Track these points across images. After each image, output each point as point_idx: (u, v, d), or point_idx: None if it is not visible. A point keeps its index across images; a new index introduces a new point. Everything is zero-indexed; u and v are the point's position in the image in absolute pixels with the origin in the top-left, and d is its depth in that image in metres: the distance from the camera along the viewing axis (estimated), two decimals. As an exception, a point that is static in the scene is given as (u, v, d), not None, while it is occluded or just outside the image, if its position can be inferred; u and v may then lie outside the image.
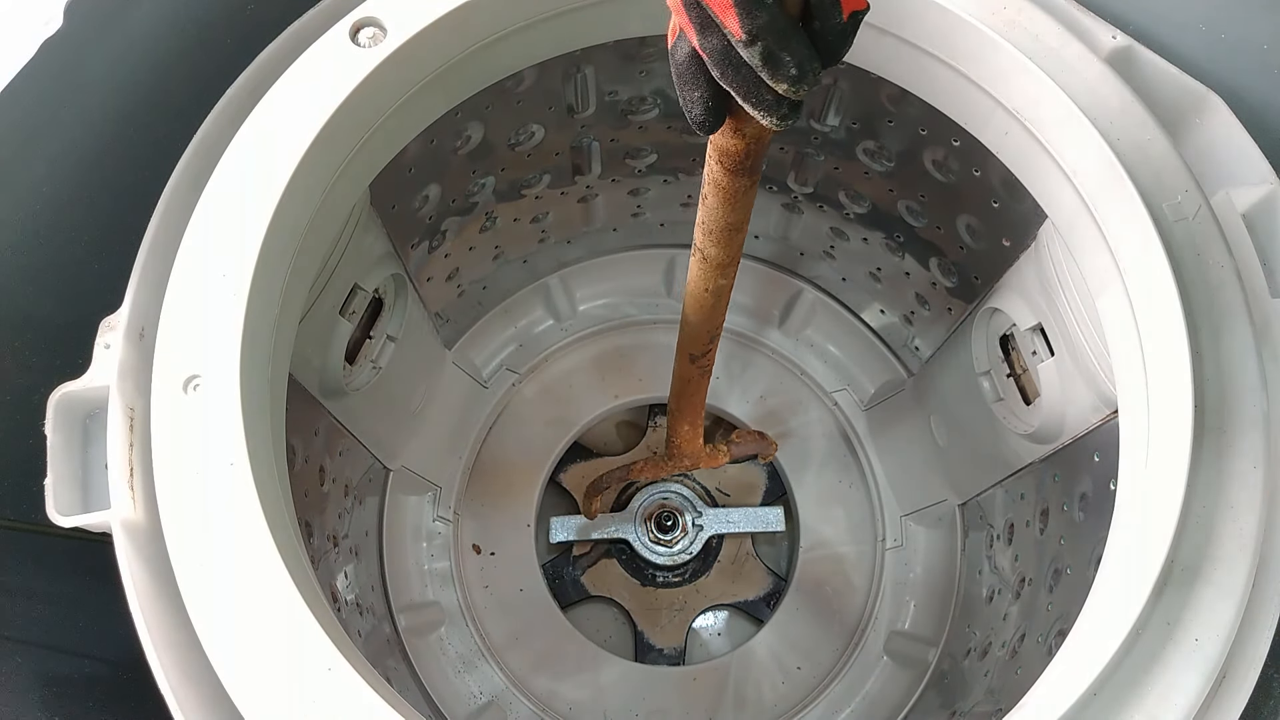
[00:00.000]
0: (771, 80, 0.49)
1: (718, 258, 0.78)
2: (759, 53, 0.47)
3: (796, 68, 0.48)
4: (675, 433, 1.12)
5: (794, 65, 0.48)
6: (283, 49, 0.86)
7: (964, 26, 0.82)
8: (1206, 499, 0.70)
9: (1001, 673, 1.08)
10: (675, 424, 1.11)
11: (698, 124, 0.57)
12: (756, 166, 0.68)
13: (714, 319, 0.88)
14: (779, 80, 0.48)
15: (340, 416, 1.11)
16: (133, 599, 0.67)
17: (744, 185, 0.69)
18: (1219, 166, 0.83)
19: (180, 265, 0.72)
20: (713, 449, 1.19)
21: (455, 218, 1.19)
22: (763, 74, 0.49)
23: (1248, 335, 0.74)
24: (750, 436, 1.23)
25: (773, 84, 0.49)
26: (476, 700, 1.33)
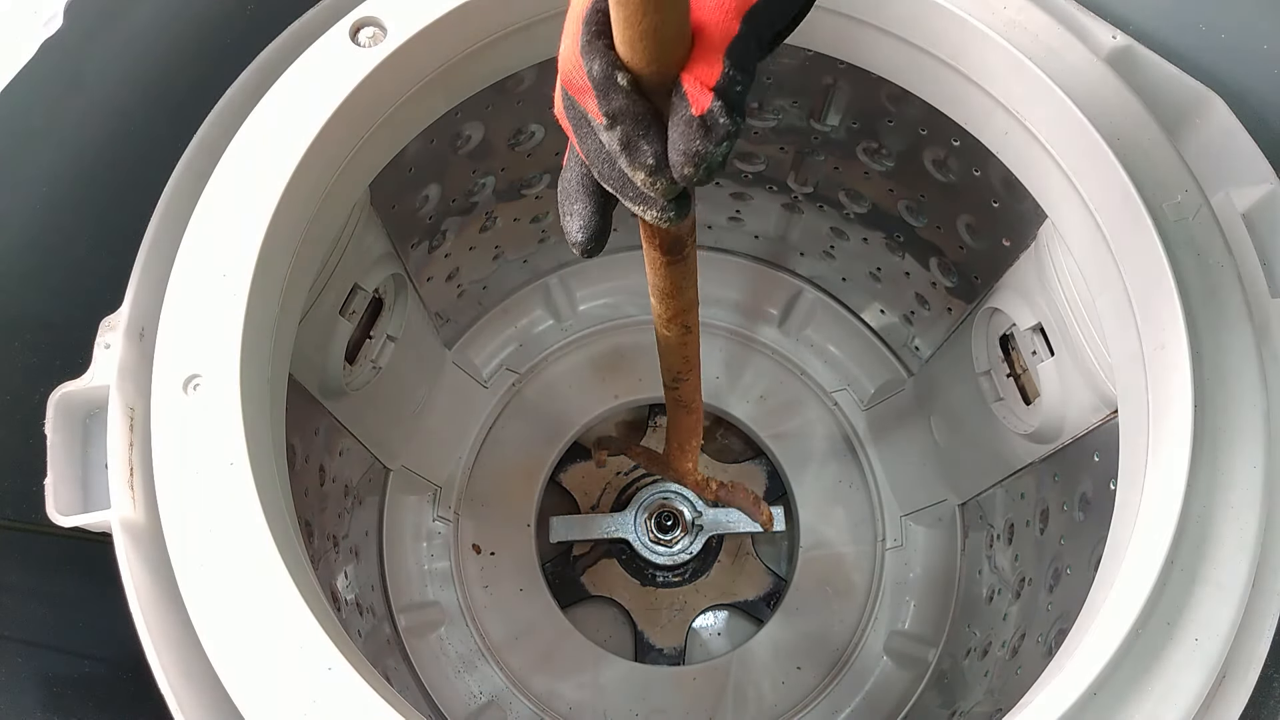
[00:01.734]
0: (630, 169, 0.48)
1: (657, 310, 0.80)
2: (617, 137, 0.47)
3: (654, 158, 0.47)
4: (668, 445, 1.14)
5: (651, 155, 0.47)
6: (283, 49, 0.86)
7: (964, 26, 0.82)
8: (1206, 499, 0.70)
9: (1001, 673, 1.08)
10: (668, 438, 1.13)
11: (574, 244, 0.56)
12: (670, 248, 0.69)
13: (671, 361, 0.90)
14: (636, 169, 0.48)
15: (340, 416, 1.11)
16: (133, 599, 0.66)
17: (661, 259, 0.71)
18: (1219, 166, 0.83)
19: (180, 265, 0.72)
20: (704, 479, 1.20)
21: (455, 218, 1.19)
22: (621, 162, 0.48)
23: (1248, 335, 0.74)
24: (745, 495, 1.24)
25: (631, 173, 0.49)
26: (476, 700, 1.33)
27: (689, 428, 1.07)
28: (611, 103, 0.47)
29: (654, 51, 0.45)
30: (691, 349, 0.88)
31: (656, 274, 0.74)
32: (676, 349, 0.88)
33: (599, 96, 0.47)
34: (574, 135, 0.51)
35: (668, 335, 0.85)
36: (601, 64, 0.46)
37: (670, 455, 1.15)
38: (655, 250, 0.71)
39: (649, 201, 0.51)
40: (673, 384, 0.96)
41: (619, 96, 0.47)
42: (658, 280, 0.75)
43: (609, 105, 0.47)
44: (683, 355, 0.89)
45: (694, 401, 1.00)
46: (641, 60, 0.46)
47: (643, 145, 0.47)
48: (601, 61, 0.46)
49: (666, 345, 0.87)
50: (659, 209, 0.51)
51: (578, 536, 1.47)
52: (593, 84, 0.47)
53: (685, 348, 0.87)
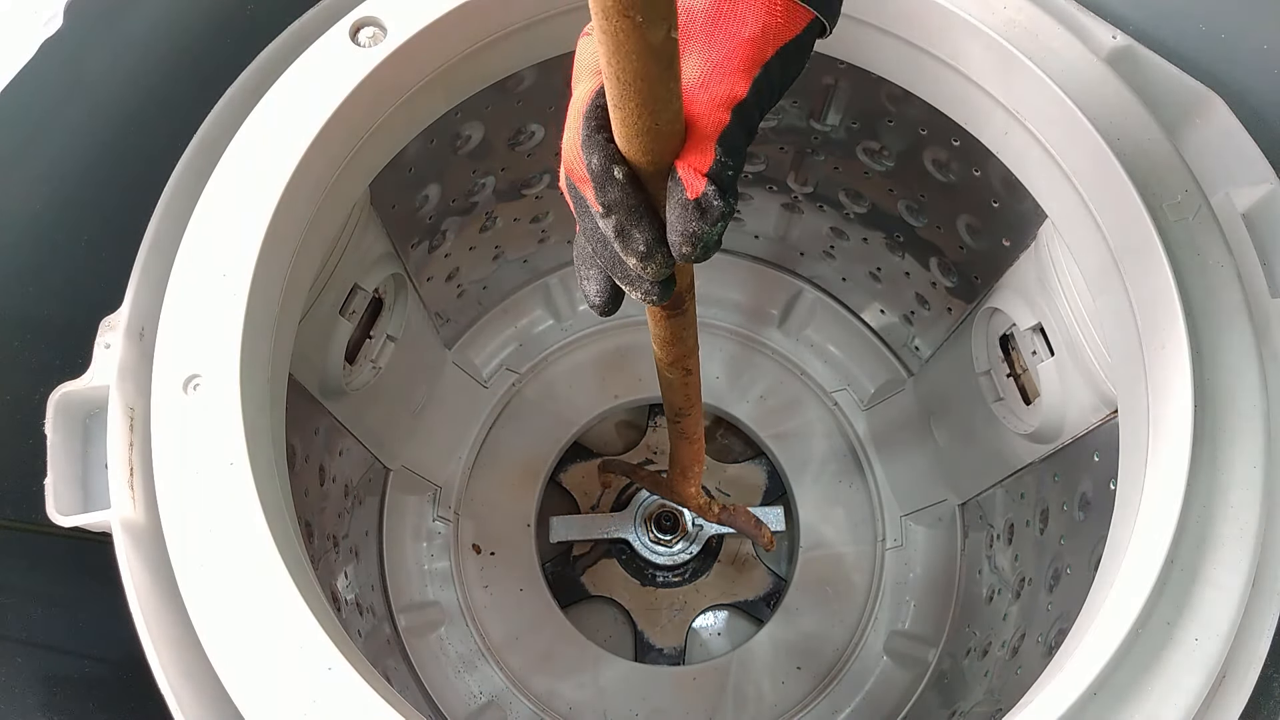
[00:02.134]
0: (623, 254, 0.52)
1: (659, 354, 0.82)
2: (612, 225, 0.51)
3: (644, 245, 0.51)
4: (670, 472, 1.17)
5: (642, 243, 0.51)
6: (283, 49, 0.86)
7: (964, 26, 0.82)
8: (1206, 499, 0.70)
9: (1001, 673, 1.08)
10: (670, 465, 1.15)
11: (592, 306, 0.60)
12: (673, 305, 0.72)
13: (671, 398, 0.93)
14: (628, 254, 0.52)
15: (340, 416, 1.11)
16: (133, 599, 0.66)
17: (661, 314, 0.74)
18: (1219, 166, 0.83)
19: (180, 265, 0.72)
20: (707, 503, 1.22)
21: (455, 218, 1.19)
22: (615, 246, 0.52)
23: (1248, 335, 0.74)
24: (747, 518, 1.25)
25: (624, 257, 0.52)
26: (476, 700, 1.33)
27: (691, 456, 1.09)
28: (608, 194, 0.50)
29: (650, 146, 0.48)
30: (693, 389, 0.91)
31: (657, 325, 0.77)
32: (679, 389, 0.90)
33: (596, 188, 0.50)
34: (576, 214, 0.55)
35: (670, 378, 0.87)
36: (600, 158, 0.49)
37: (674, 481, 1.17)
38: (654, 306, 0.73)
39: (637, 282, 0.55)
40: (675, 419, 0.98)
41: (614, 189, 0.50)
42: (659, 330, 0.78)
43: (605, 197, 0.50)
44: (684, 394, 0.92)
45: (696, 434, 1.03)
46: (638, 154, 0.49)
47: (635, 234, 0.51)
48: (600, 155, 0.49)
49: (669, 385, 0.90)
50: (644, 290, 0.55)
51: (578, 536, 1.47)
52: (591, 177, 0.50)
53: (687, 388, 0.90)
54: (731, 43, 0.49)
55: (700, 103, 0.49)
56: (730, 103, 0.49)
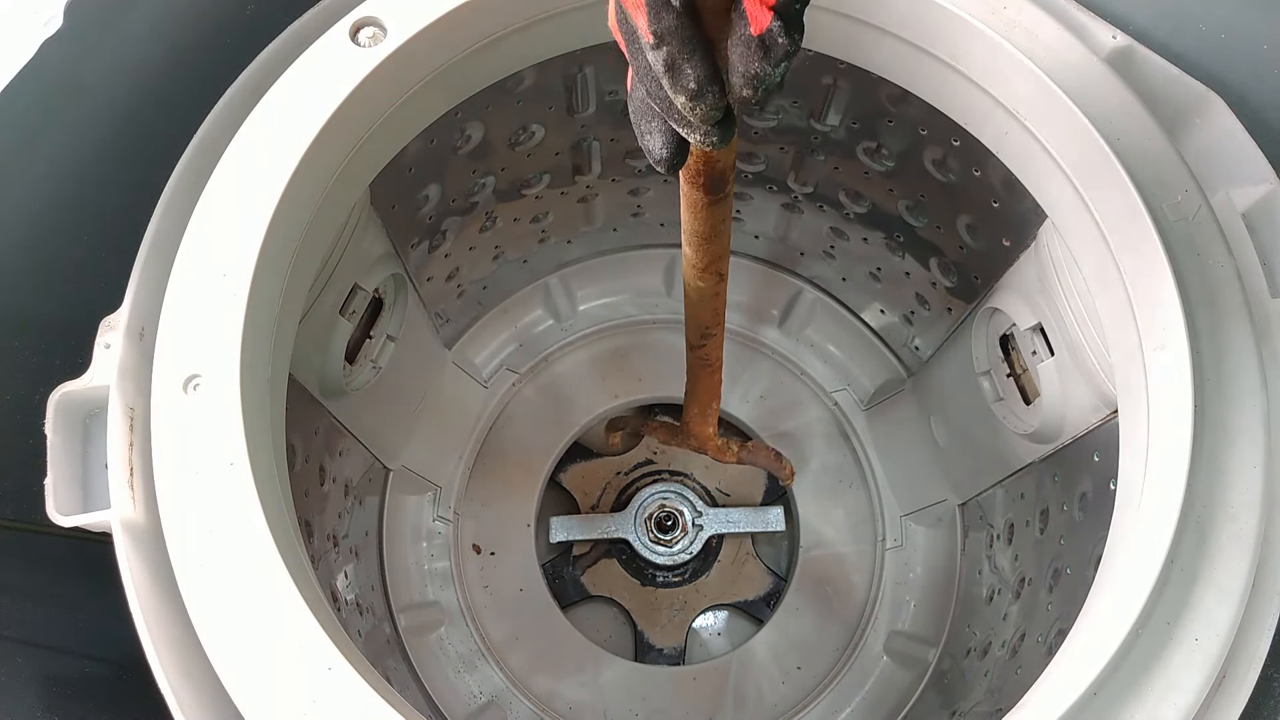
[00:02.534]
0: (671, 91, 0.48)
1: (694, 259, 0.80)
2: (662, 58, 0.47)
3: (695, 81, 0.47)
4: (687, 413, 1.13)
5: (693, 78, 0.47)
6: (283, 49, 0.86)
7: (964, 26, 0.82)
8: (1206, 499, 0.70)
9: (1001, 672, 1.08)
10: (687, 405, 1.12)
11: (657, 161, 0.56)
12: (714, 185, 0.68)
13: (702, 315, 0.89)
14: (677, 92, 0.48)
15: (340, 416, 1.11)
16: (133, 599, 0.66)
17: (704, 200, 0.70)
18: (1219, 166, 0.83)
19: (180, 265, 0.72)
20: (724, 443, 1.20)
21: (455, 218, 1.19)
22: (664, 81, 0.48)
23: (1248, 335, 0.74)
24: (767, 453, 1.23)
25: (672, 95, 0.48)
26: (476, 700, 1.33)
27: (712, 389, 1.06)
28: (661, 21, 0.46)
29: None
30: (722, 299, 0.87)
31: (697, 218, 0.73)
32: (709, 300, 0.86)
33: (650, 13, 0.46)
34: (626, 50, 0.51)
35: (701, 286, 0.83)
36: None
37: (690, 422, 1.13)
38: (698, 191, 0.69)
39: (690, 126, 0.51)
40: (700, 341, 0.94)
41: (669, 16, 0.46)
42: (697, 225, 0.74)
43: (658, 24, 0.46)
44: (714, 307, 0.88)
45: (718, 360, 0.99)
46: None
47: (685, 69, 0.47)
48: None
49: (699, 297, 0.86)
50: (701, 134, 0.51)
51: (578, 536, 1.47)
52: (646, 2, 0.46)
53: (717, 298, 0.86)
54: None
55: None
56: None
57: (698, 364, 1.00)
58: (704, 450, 1.19)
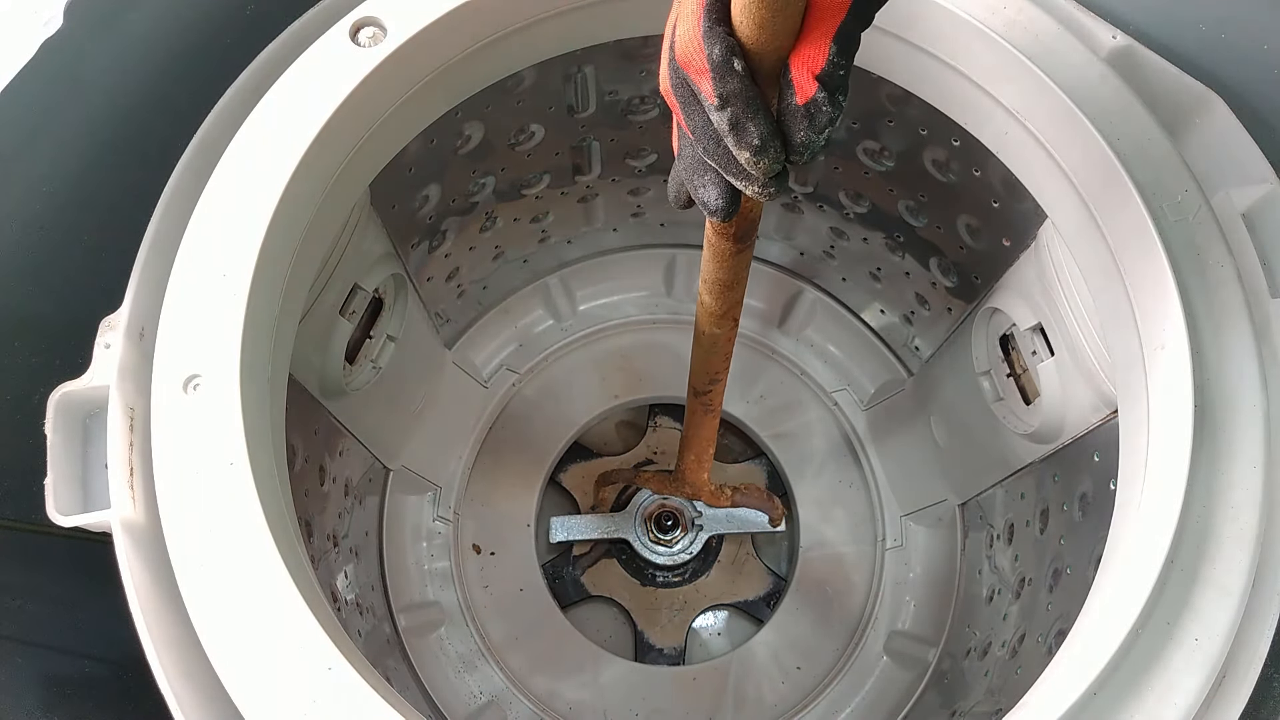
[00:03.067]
0: (735, 148, 0.52)
1: (713, 306, 0.81)
2: (727, 118, 0.51)
3: (759, 139, 0.51)
4: (682, 459, 1.15)
5: (757, 136, 0.51)
6: (283, 49, 0.86)
7: (964, 26, 0.82)
8: (1206, 499, 0.70)
9: (1001, 672, 1.08)
10: (683, 451, 1.13)
11: (714, 211, 0.59)
12: (744, 235, 0.71)
13: (713, 361, 0.91)
14: (742, 148, 0.51)
15: (340, 416, 1.11)
16: (133, 599, 0.66)
17: (732, 249, 0.72)
18: (1219, 166, 0.83)
19: (180, 265, 0.72)
20: (718, 488, 1.22)
21: (455, 218, 1.19)
22: (728, 140, 0.52)
23: (1248, 335, 0.74)
24: (760, 494, 1.26)
25: (736, 152, 0.52)
26: (476, 700, 1.33)
27: (710, 434, 1.07)
28: (726, 85, 0.50)
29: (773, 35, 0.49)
30: (732, 344, 0.89)
31: (722, 266, 0.75)
32: (722, 347, 0.88)
33: (715, 79, 0.50)
34: (681, 113, 0.54)
35: (717, 333, 0.85)
36: (722, 49, 0.50)
37: (686, 470, 1.14)
38: (727, 241, 0.71)
39: (750, 178, 0.54)
40: (707, 387, 0.95)
41: (734, 80, 0.50)
42: (721, 274, 0.76)
43: (724, 88, 0.50)
44: (725, 353, 0.90)
45: (719, 404, 1.00)
46: (758, 43, 0.50)
47: (750, 127, 0.51)
48: (722, 46, 0.50)
49: (712, 344, 0.87)
50: (760, 185, 0.54)
51: (578, 536, 1.47)
52: (711, 67, 0.50)
53: (729, 344, 0.88)
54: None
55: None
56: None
57: (701, 409, 1.01)
58: (698, 496, 1.21)
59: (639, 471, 1.36)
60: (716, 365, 0.92)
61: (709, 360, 0.91)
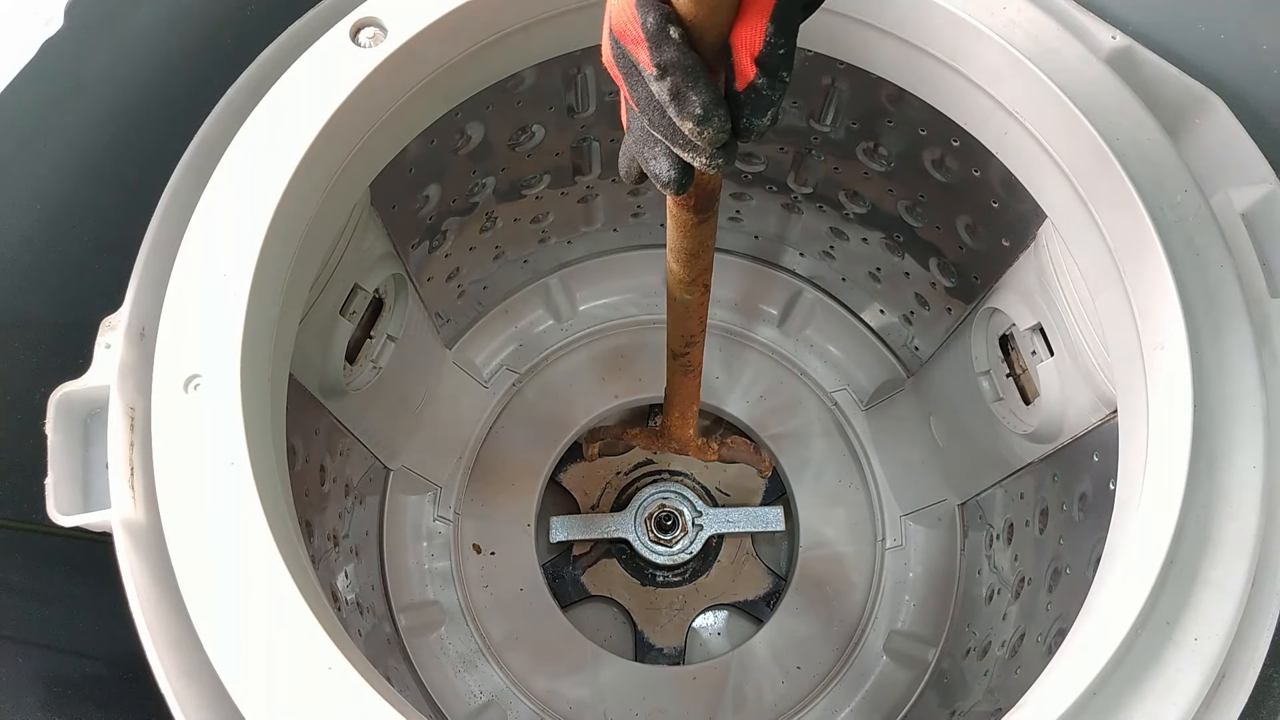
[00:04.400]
0: (678, 118, 0.50)
1: (680, 274, 0.81)
2: (667, 88, 0.49)
3: (702, 108, 0.49)
4: (667, 417, 1.15)
5: (699, 105, 0.49)
6: (283, 49, 0.86)
7: (964, 26, 0.82)
8: (1206, 499, 0.70)
9: (1001, 672, 1.08)
10: (667, 409, 1.14)
11: (665, 183, 0.58)
12: (703, 206, 0.70)
13: (688, 325, 0.91)
14: (685, 119, 0.49)
15: (341, 416, 1.11)
16: (133, 599, 0.66)
17: (693, 219, 0.72)
18: (1219, 166, 0.83)
19: (181, 265, 0.72)
20: (704, 443, 1.22)
21: (455, 218, 1.19)
22: (670, 110, 0.50)
23: (1248, 335, 0.74)
24: (745, 446, 1.26)
25: (679, 122, 0.50)
26: (476, 700, 1.33)
27: (692, 393, 1.08)
28: (663, 54, 0.48)
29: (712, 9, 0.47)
30: (705, 309, 0.89)
31: (685, 236, 0.75)
32: (695, 311, 0.88)
33: (651, 48, 0.48)
34: (624, 84, 0.53)
35: (688, 299, 0.85)
36: (656, 16, 0.48)
37: (671, 426, 1.15)
38: (687, 211, 0.71)
39: (696, 149, 0.52)
40: (684, 349, 0.96)
41: (670, 49, 0.48)
42: (685, 243, 0.76)
43: (660, 57, 0.48)
44: (699, 317, 0.90)
45: (699, 364, 1.01)
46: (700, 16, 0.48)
47: (691, 96, 0.49)
48: (657, 14, 0.48)
49: (684, 309, 0.88)
50: (707, 156, 0.52)
51: (578, 536, 1.47)
52: (646, 35, 0.48)
53: (702, 308, 0.88)
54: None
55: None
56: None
57: (680, 370, 1.02)
58: (685, 451, 1.21)
59: (626, 430, 1.37)
60: (691, 328, 0.92)
61: (683, 323, 0.91)
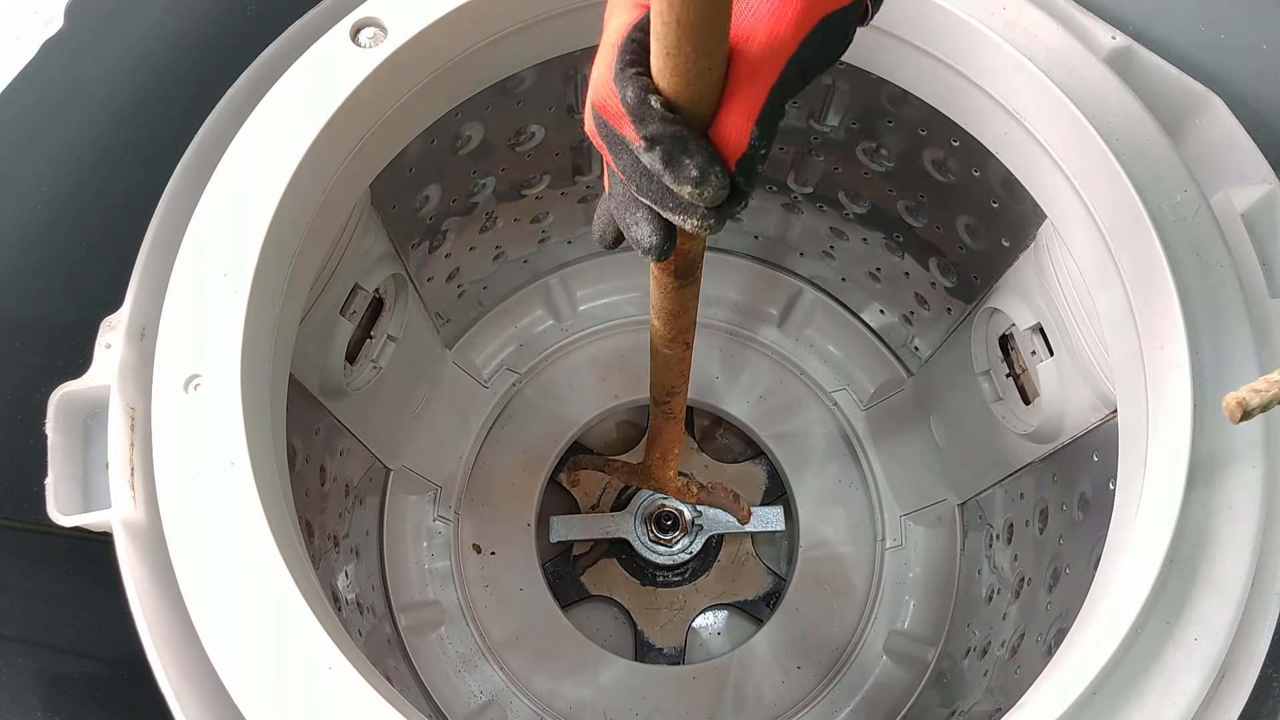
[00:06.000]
0: (675, 185, 0.49)
1: (662, 332, 0.81)
2: (659, 157, 0.48)
3: (698, 169, 0.48)
4: (649, 456, 1.16)
5: (695, 168, 0.48)
6: (283, 49, 0.86)
7: (964, 27, 0.82)
8: (1206, 499, 0.70)
9: (1001, 672, 1.08)
10: (649, 449, 1.15)
11: (647, 249, 0.56)
12: (684, 273, 0.70)
13: (669, 378, 0.92)
14: (682, 184, 0.48)
15: (341, 416, 1.11)
16: (133, 598, 0.67)
17: (673, 284, 0.72)
18: (1218, 166, 0.83)
19: (181, 265, 0.72)
20: (684, 484, 1.22)
21: (455, 218, 1.19)
22: (665, 179, 0.49)
23: (1247, 335, 0.74)
24: (725, 492, 1.26)
25: (677, 188, 0.49)
26: (476, 700, 1.33)
27: (674, 438, 1.09)
28: (648, 127, 0.47)
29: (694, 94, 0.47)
30: (687, 363, 0.90)
31: (666, 298, 0.75)
32: (675, 365, 0.89)
33: (635, 122, 0.48)
34: (609, 154, 0.52)
35: (668, 354, 0.85)
36: (635, 89, 0.47)
37: (653, 466, 1.17)
38: (668, 276, 0.71)
39: (691, 210, 0.51)
40: (665, 399, 0.97)
41: (654, 121, 0.47)
42: (666, 304, 0.76)
43: (646, 130, 0.47)
44: (680, 370, 0.91)
45: (681, 413, 1.02)
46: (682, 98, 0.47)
47: (684, 160, 0.48)
48: (635, 87, 0.47)
49: (665, 363, 0.88)
50: (699, 216, 0.51)
51: (578, 536, 1.47)
52: (627, 110, 0.48)
53: (683, 363, 0.89)
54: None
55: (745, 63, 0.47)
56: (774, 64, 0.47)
57: (661, 416, 1.02)
58: (665, 490, 1.22)
59: (609, 461, 1.37)
60: (672, 381, 0.93)
61: (665, 376, 0.92)
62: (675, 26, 0.43)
